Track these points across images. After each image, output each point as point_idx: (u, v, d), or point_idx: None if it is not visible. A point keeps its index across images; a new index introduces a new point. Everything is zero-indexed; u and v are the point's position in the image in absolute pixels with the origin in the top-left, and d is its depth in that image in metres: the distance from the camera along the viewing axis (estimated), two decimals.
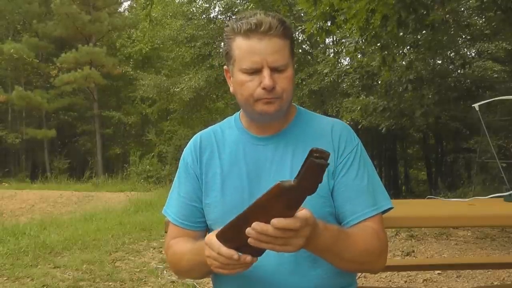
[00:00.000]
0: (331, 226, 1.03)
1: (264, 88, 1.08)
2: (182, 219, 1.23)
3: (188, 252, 1.14)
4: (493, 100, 6.53)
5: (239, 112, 1.28)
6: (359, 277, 3.61)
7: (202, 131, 1.30)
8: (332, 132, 1.19)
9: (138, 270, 4.26)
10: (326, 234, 0.99)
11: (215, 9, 16.57)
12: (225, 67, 1.20)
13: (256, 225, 0.86)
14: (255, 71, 1.09)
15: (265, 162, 1.17)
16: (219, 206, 1.18)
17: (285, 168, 1.16)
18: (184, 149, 1.29)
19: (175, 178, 1.29)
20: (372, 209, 1.14)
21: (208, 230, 1.25)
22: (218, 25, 15.46)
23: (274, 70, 1.09)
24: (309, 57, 14.70)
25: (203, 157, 1.23)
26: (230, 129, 1.26)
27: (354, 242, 1.06)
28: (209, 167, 1.21)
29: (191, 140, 1.29)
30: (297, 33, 12.22)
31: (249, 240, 0.89)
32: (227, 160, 1.20)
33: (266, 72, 1.08)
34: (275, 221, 0.85)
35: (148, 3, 5.83)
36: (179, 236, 1.23)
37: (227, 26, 1.13)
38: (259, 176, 1.16)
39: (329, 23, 5.80)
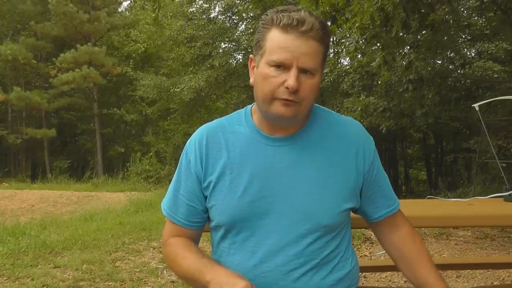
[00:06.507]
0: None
1: (286, 88, 1.02)
2: (179, 217, 1.19)
3: (189, 262, 1.11)
4: (493, 100, 6.55)
5: (250, 106, 1.20)
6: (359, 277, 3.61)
7: (208, 125, 1.20)
8: (353, 135, 1.17)
9: (138, 270, 4.25)
10: None
11: (215, 9, 16.60)
12: (251, 55, 1.12)
13: None
14: (283, 68, 1.03)
15: (279, 165, 1.11)
16: (227, 208, 1.12)
17: (301, 173, 1.10)
18: (188, 143, 1.19)
19: (175, 173, 1.21)
20: (397, 202, 1.27)
21: (210, 230, 1.22)
22: (218, 25, 15.48)
23: (302, 71, 1.03)
24: None
25: (209, 157, 1.14)
26: (239, 125, 1.17)
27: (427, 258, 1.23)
28: (215, 167, 1.13)
29: (196, 135, 1.19)
30: None
31: None
32: (236, 160, 1.12)
33: (293, 72, 1.02)
34: None
35: (155, 7, 5.80)
36: (176, 234, 1.21)
37: (266, 15, 1.07)
38: (271, 178, 1.10)
39: (329, 23, 5.79)
